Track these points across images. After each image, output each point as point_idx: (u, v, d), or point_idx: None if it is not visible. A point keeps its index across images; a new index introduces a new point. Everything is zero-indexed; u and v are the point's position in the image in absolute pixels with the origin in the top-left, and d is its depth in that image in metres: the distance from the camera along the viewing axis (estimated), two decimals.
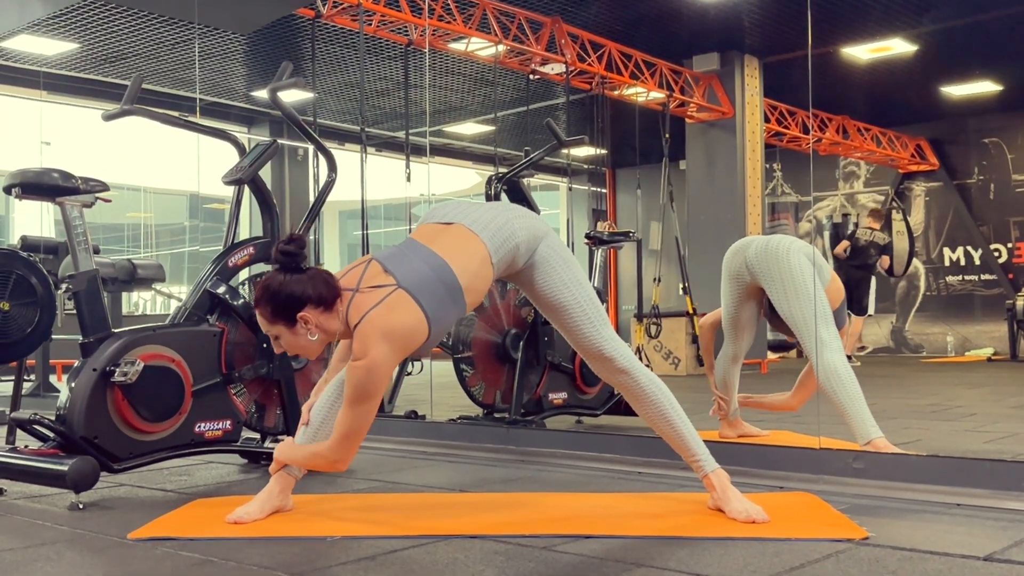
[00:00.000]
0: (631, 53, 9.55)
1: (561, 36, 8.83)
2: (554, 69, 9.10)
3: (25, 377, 4.84)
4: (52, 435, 2.96)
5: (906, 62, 9.91)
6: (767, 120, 10.80)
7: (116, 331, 3.08)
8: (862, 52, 9.63)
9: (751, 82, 10.32)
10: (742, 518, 2.48)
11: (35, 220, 8.65)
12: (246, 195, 3.66)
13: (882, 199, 12.51)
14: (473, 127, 12.57)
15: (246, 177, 3.47)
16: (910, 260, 11.17)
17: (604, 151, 11.87)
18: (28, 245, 5.50)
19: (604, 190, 14.08)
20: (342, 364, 2.71)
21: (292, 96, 7.31)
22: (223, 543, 2.36)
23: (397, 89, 10.54)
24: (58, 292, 3.58)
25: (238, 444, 3.38)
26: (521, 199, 4.45)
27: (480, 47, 8.53)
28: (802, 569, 2.02)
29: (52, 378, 6.55)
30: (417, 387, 5.02)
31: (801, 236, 11.84)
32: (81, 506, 2.83)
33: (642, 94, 9.92)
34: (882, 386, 7.00)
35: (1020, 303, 10.40)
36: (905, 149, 12.19)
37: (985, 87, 10.73)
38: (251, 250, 3.51)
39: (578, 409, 4.68)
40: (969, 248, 12.10)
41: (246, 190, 3.62)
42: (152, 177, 14.21)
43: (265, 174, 3.61)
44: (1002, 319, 10.92)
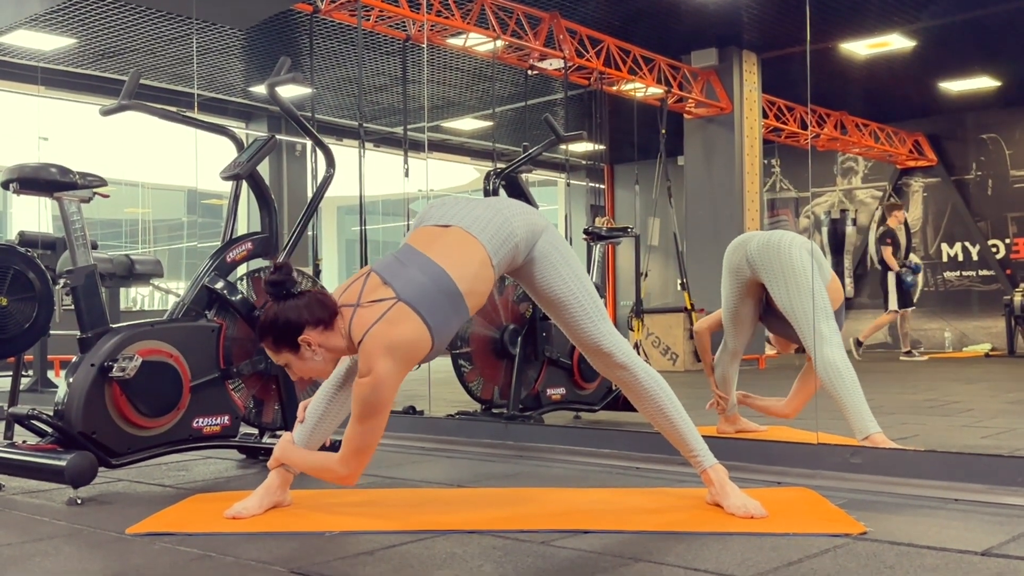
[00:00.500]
0: (629, 49, 9.54)
1: (559, 31, 8.83)
2: (552, 65, 9.10)
3: (23, 372, 4.85)
4: (50, 430, 2.97)
5: (904, 58, 9.91)
6: (765, 116, 10.79)
7: (114, 326, 3.08)
8: (860, 48, 9.63)
9: (749, 78, 10.32)
10: (740, 513, 2.48)
11: (33, 215, 8.65)
12: (244, 191, 3.66)
13: (880, 195, 12.51)
14: (471, 123, 12.56)
15: (244, 173, 3.47)
16: (907, 256, 11.17)
17: (602, 147, 11.86)
18: (26, 240, 5.49)
19: (602, 186, 14.08)
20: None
21: (290, 91, 7.29)
22: (221, 538, 2.36)
23: (395, 84, 10.54)
24: (56, 287, 3.59)
25: (236, 439, 3.38)
26: (519, 195, 4.45)
27: (478, 42, 8.53)
28: (800, 564, 2.03)
29: (50, 373, 6.56)
30: (415, 383, 5.01)
31: (800, 232, 11.84)
32: (79, 501, 2.83)
33: (640, 90, 9.91)
34: (880, 381, 7.01)
35: (1018, 299, 10.41)
36: (903, 145, 12.19)
37: (983, 83, 10.73)
38: (249, 245, 3.51)
39: (576, 404, 4.69)
40: (967, 244, 12.11)
41: (244, 186, 3.61)
42: (150, 173, 14.19)
43: (263, 170, 3.61)
44: (1000, 315, 10.93)
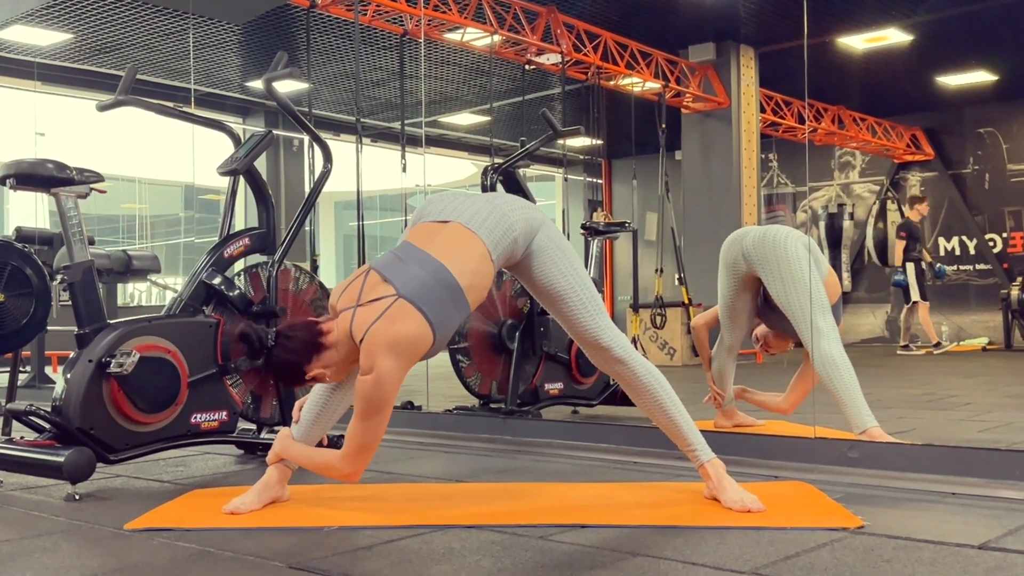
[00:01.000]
0: (627, 43, 9.53)
1: (557, 26, 8.81)
2: (550, 59, 9.08)
3: (21, 368, 4.84)
4: (48, 426, 2.97)
5: (902, 52, 9.91)
6: (763, 110, 10.79)
7: (111, 322, 3.08)
8: (858, 42, 9.62)
9: (747, 72, 10.31)
10: (738, 507, 2.49)
11: (30, 211, 8.63)
12: (241, 186, 3.66)
13: (877, 189, 12.52)
14: (469, 117, 12.55)
15: (241, 168, 3.47)
16: None
17: (600, 141, 11.85)
18: (23, 236, 5.48)
19: (600, 180, 14.07)
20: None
21: (287, 86, 7.29)
22: (219, 533, 2.37)
23: (393, 79, 10.52)
24: (53, 283, 3.58)
25: (234, 435, 3.38)
26: (517, 189, 4.45)
27: (476, 37, 8.51)
28: (797, 558, 2.03)
29: (48, 369, 6.55)
30: (413, 378, 4.99)
31: (797, 226, 11.84)
32: (77, 497, 2.83)
33: (638, 84, 9.90)
34: (877, 375, 7.01)
35: (1015, 293, 10.42)
36: (900, 139, 12.19)
37: (981, 77, 10.73)
38: (247, 241, 3.51)
39: (574, 399, 4.69)
40: (964, 238, 12.12)
41: (241, 181, 3.61)
42: (147, 168, 14.18)
43: (260, 165, 3.60)
44: (997, 309, 10.95)
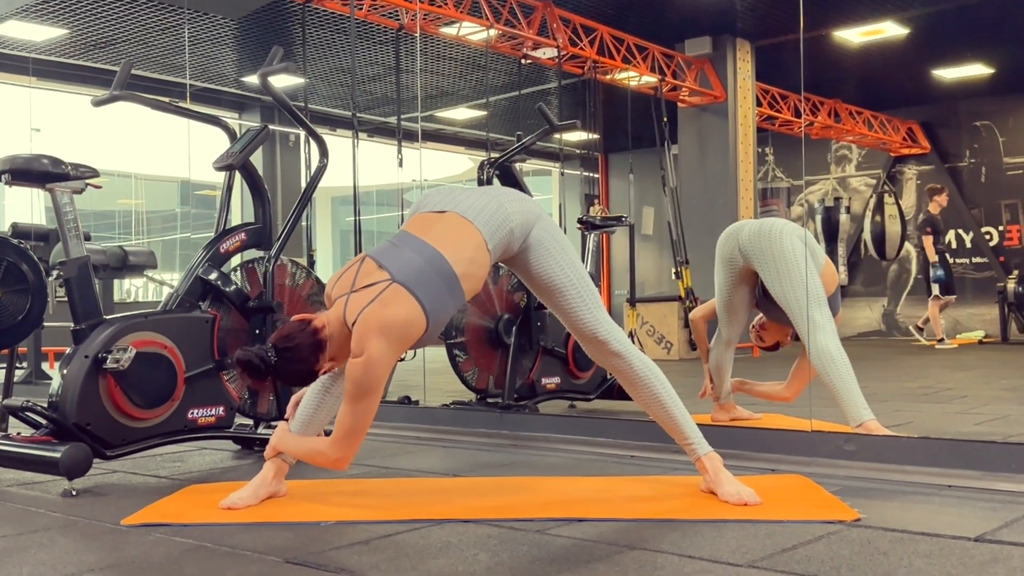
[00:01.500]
0: (623, 37, 9.52)
1: (553, 20, 8.81)
2: (546, 53, 9.07)
3: (17, 364, 4.84)
4: (45, 422, 2.96)
5: (898, 45, 9.90)
6: (759, 104, 10.78)
7: (108, 318, 3.07)
8: (854, 35, 9.62)
9: (743, 66, 10.31)
10: (734, 500, 2.49)
11: (25, 207, 8.61)
12: (237, 181, 3.65)
13: (874, 183, 12.52)
14: (465, 112, 12.53)
15: (237, 163, 3.46)
16: (902, 243, 11.18)
17: (596, 136, 11.84)
18: (19, 232, 5.48)
19: (596, 175, 14.06)
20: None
21: (283, 81, 7.29)
22: (217, 529, 2.37)
23: (388, 74, 10.51)
24: (49, 279, 3.57)
25: (231, 430, 3.38)
26: (513, 184, 4.44)
27: (471, 31, 8.50)
28: (794, 551, 2.03)
29: (44, 365, 6.55)
30: (410, 373, 5.03)
31: (793, 220, 11.83)
32: (74, 493, 2.83)
33: (634, 78, 9.90)
34: (873, 369, 7.02)
35: (1011, 286, 10.44)
36: (897, 132, 12.19)
37: (977, 70, 10.73)
38: (243, 236, 3.50)
39: (571, 394, 4.69)
40: (960, 231, 12.12)
41: (237, 176, 3.61)
42: (143, 164, 14.16)
43: (256, 160, 3.60)
44: (993, 302, 10.95)
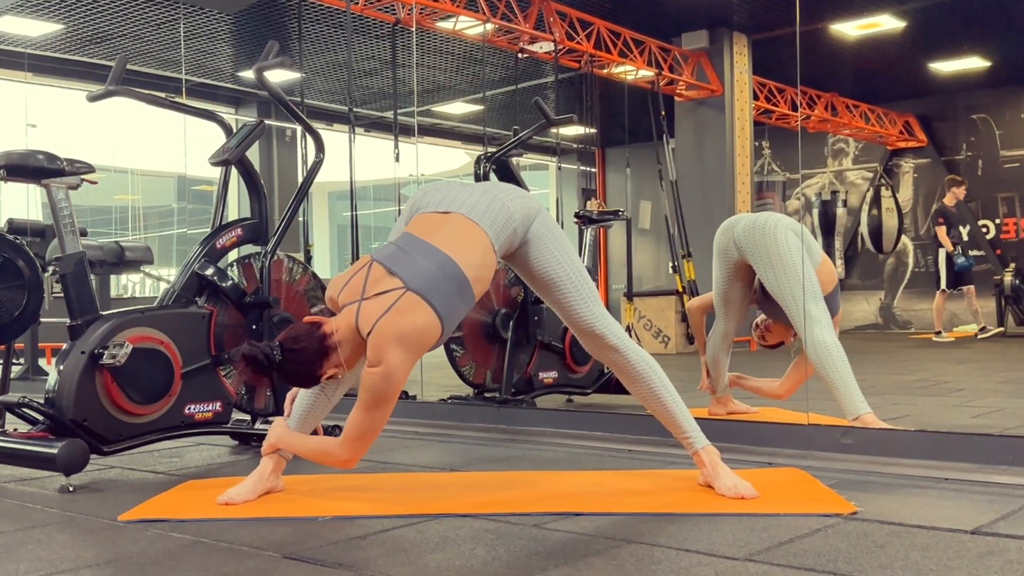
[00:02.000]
0: (620, 31, 9.51)
1: (549, 14, 8.79)
2: (542, 48, 9.06)
3: (14, 361, 4.83)
4: (41, 418, 2.96)
5: (895, 38, 9.90)
6: (756, 97, 10.77)
7: (104, 313, 3.07)
8: (850, 28, 9.61)
9: (740, 60, 10.30)
10: (731, 494, 2.50)
11: (21, 203, 8.60)
12: (234, 176, 3.65)
13: (871, 176, 12.52)
14: (462, 107, 12.52)
15: (233, 158, 3.46)
16: (899, 237, 11.18)
17: (593, 130, 11.83)
18: (15, 228, 5.46)
19: (593, 169, 14.05)
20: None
21: (279, 76, 7.26)
22: (214, 524, 2.37)
23: (385, 69, 10.49)
24: (45, 275, 3.57)
25: (228, 426, 3.38)
26: (510, 179, 4.43)
27: (468, 25, 8.48)
28: (791, 544, 2.04)
29: (41, 361, 6.53)
30: None
31: (789, 214, 11.83)
32: (71, 489, 2.83)
33: (631, 72, 9.88)
34: (871, 362, 7.03)
35: (1008, 279, 10.44)
36: (893, 126, 12.19)
37: (973, 63, 10.72)
38: (239, 231, 3.50)
39: (568, 388, 4.69)
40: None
41: (234, 171, 3.60)
42: (139, 159, 14.14)
43: (253, 155, 3.60)
44: (990, 295, 10.95)
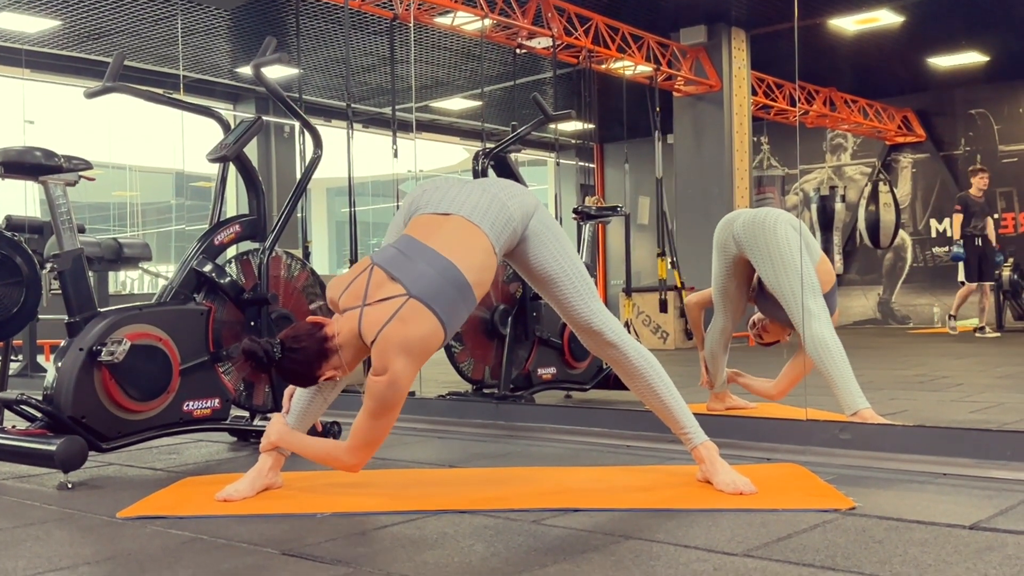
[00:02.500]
0: (618, 26, 9.50)
1: (547, 9, 8.78)
2: (541, 43, 9.05)
3: (12, 357, 4.83)
4: (40, 415, 2.96)
5: (893, 33, 9.89)
6: (754, 93, 10.77)
7: (102, 310, 3.07)
8: (849, 23, 9.60)
9: (738, 55, 10.29)
10: (730, 490, 2.50)
11: (19, 199, 8.59)
12: (232, 173, 3.64)
13: (869, 171, 12.52)
14: (460, 102, 12.50)
15: (231, 154, 3.45)
16: (896, 232, 11.18)
17: (592, 126, 11.82)
18: (12, 225, 5.45)
19: (592, 165, 14.04)
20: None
21: (277, 72, 7.25)
22: (213, 521, 2.37)
23: (383, 64, 10.47)
24: (43, 272, 3.56)
25: (227, 422, 3.38)
26: (508, 174, 4.43)
27: (466, 21, 8.47)
28: (789, 539, 2.04)
29: (40, 358, 6.53)
30: None
31: (788, 209, 11.83)
32: (70, 486, 2.83)
33: (629, 68, 9.88)
34: (869, 357, 7.03)
35: (1006, 274, 10.44)
36: (892, 121, 12.19)
37: (972, 58, 10.72)
38: (237, 228, 3.50)
39: (567, 384, 4.69)
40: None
41: (231, 168, 3.59)
42: (137, 155, 14.12)
43: (251, 151, 3.59)
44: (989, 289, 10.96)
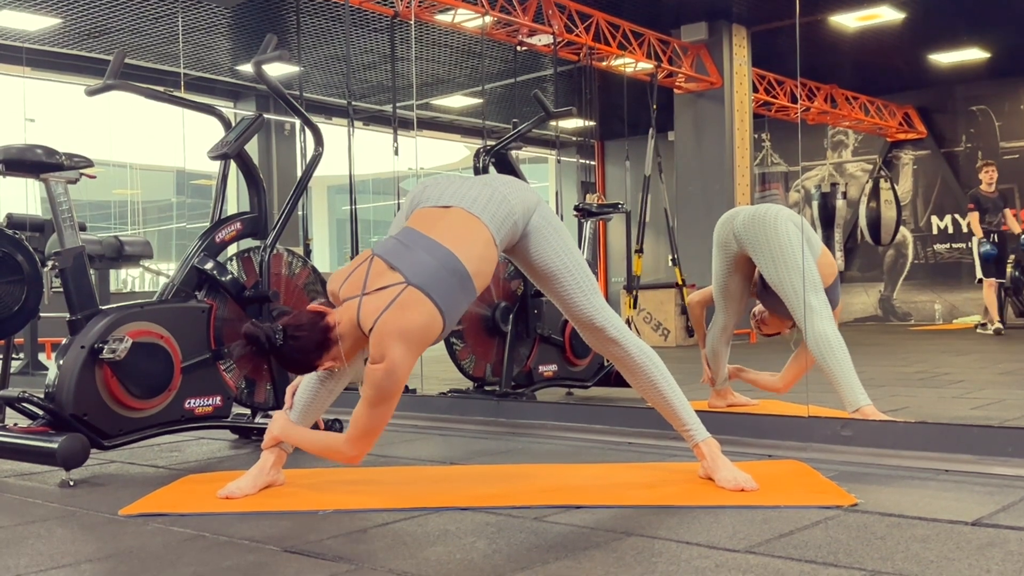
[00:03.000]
0: (619, 23, 9.49)
1: (548, 7, 8.77)
2: (541, 40, 9.04)
3: (14, 355, 4.83)
4: (41, 413, 2.96)
5: (894, 30, 9.88)
6: (755, 90, 10.76)
7: (104, 308, 3.07)
8: (850, 20, 9.59)
9: (739, 52, 10.28)
10: (731, 486, 2.50)
11: (20, 198, 8.60)
12: (233, 170, 3.64)
13: (870, 168, 12.51)
14: (461, 100, 12.50)
15: (232, 152, 3.45)
16: (897, 229, 11.18)
17: (592, 123, 11.82)
18: (14, 223, 5.45)
19: (593, 162, 14.04)
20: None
21: (277, 70, 7.25)
22: (214, 518, 2.37)
23: (383, 62, 10.47)
24: (45, 269, 3.57)
25: (228, 420, 3.38)
26: (509, 171, 4.43)
27: (467, 18, 8.46)
28: (791, 536, 2.04)
29: (41, 356, 6.54)
30: None
31: (790, 206, 11.83)
32: (72, 483, 2.83)
33: (630, 65, 9.87)
34: (870, 354, 7.03)
35: (1008, 270, 10.43)
36: (893, 117, 12.18)
37: (973, 54, 10.71)
38: (238, 225, 3.49)
39: (568, 381, 4.69)
40: (957, 216, 12.12)
41: (232, 165, 3.59)
42: (138, 153, 14.13)
43: (252, 149, 3.59)
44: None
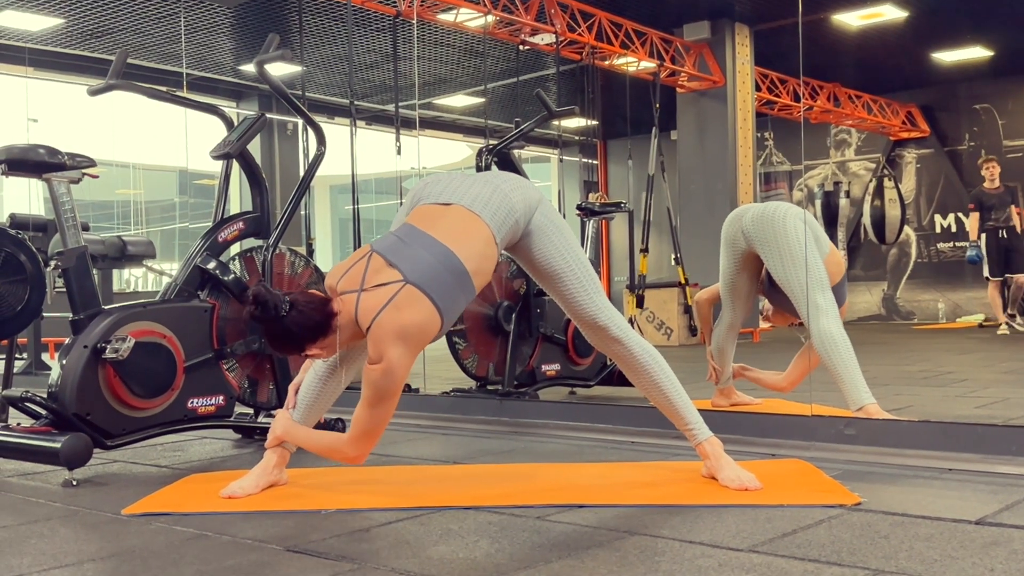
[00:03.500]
0: (621, 22, 9.49)
1: (551, 6, 8.77)
2: (544, 39, 9.04)
3: (17, 355, 4.84)
4: (44, 412, 2.96)
5: (897, 28, 9.86)
6: (758, 88, 10.75)
7: (106, 308, 3.07)
8: (853, 19, 9.58)
9: (742, 50, 10.27)
10: (735, 485, 2.49)
11: (23, 197, 8.61)
12: (235, 170, 3.64)
13: (873, 167, 12.51)
14: (463, 99, 12.50)
15: (234, 151, 3.45)
16: (901, 227, 11.16)
17: (595, 122, 11.81)
18: (17, 223, 5.46)
19: (595, 161, 14.03)
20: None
21: (280, 69, 7.25)
22: (217, 518, 2.37)
23: (386, 61, 10.47)
24: (48, 269, 3.57)
25: (231, 419, 3.38)
26: (512, 171, 4.42)
27: (469, 17, 8.46)
28: (794, 535, 2.03)
29: (44, 356, 6.55)
30: None
31: (794, 205, 11.80)
32: (75, 483, 2.84)
33: (633, 64, 9.86)
34: (874, 353, 7.02)
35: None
36: (896, 116, 12.16)
37: (976, 53, 10.69)
38: (241, 225, 3.49)
39: (571, 380, 4.69)
40: (960, 215, 12.10)
41: (235, 165, 3.60)
42: (141, 153, 14.14)
43: (254, 149, 3.60)
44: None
